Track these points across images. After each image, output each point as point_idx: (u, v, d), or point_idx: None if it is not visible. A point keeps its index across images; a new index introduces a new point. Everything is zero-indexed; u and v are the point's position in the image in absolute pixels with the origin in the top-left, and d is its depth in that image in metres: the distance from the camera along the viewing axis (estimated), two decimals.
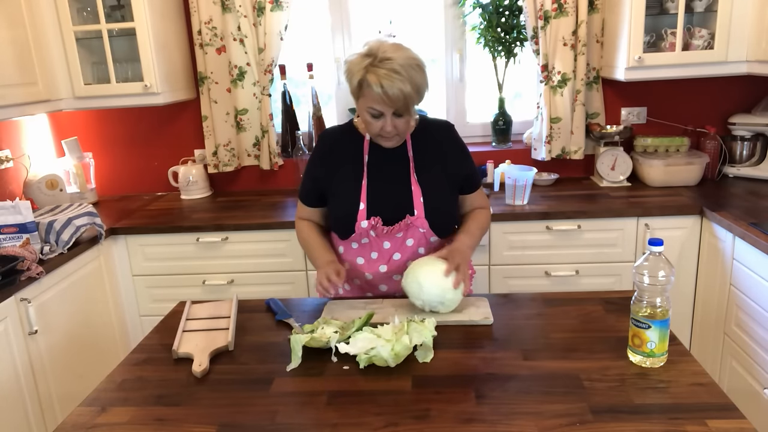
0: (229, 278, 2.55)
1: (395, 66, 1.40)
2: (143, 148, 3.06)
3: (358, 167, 1.61)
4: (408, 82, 1.41)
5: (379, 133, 1.51)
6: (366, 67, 1.42)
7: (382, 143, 1.57)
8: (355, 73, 1.45)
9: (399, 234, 1.60)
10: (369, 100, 1.45)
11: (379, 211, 1.58)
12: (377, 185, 1.60)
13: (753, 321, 2.01)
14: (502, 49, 2.81)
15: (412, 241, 1.61)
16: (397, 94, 1.41)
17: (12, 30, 2.33)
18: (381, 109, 1.46)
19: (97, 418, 1.15)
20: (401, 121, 1.50)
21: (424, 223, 1.59)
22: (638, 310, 1.21)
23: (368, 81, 1.42)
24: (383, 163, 1.61)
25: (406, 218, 1.58)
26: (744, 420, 1.04)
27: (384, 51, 1.43)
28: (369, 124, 1.51)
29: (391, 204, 1.59)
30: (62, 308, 2.18)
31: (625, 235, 2.39)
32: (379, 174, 1.60)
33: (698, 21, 2.53)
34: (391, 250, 1.61)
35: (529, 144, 2.91)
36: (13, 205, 2.07)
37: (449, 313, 1.48)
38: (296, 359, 1.29)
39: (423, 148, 1.62)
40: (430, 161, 1.62)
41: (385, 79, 1.40)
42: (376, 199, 1.59)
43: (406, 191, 1.59)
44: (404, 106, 1.45)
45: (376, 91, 1.41)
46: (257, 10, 2.69)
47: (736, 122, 2.70)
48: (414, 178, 1.60)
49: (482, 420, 1.08)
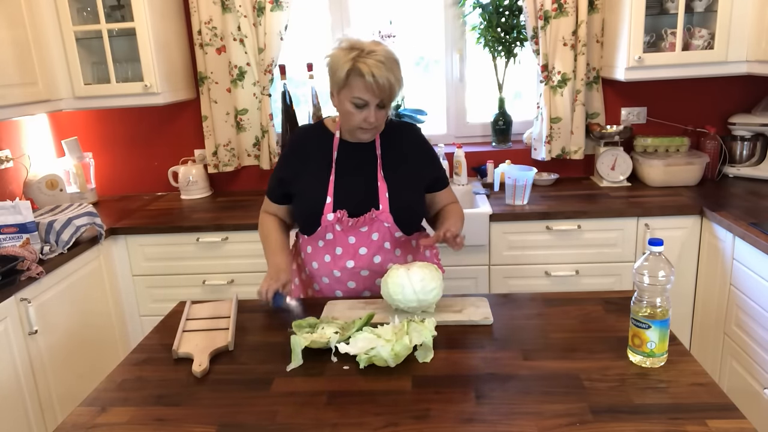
0: (229, 278, 2.55)
1: (381, 58, 1.48)
2: (143, 148, 3.06)
3: (326, 163, 1.65)
4: (392, 74, 1.49)
5: (359, 125, 1.55)
6: (354, 58, 1.48)
7: (360, 136, 1.60)
8: (343, 65, 1.49)
9: (364, 228, 1.62)
10: (355, 89, 1.50)
11: (344, 205, 1.61)
12: (344, 180, 1.63)
13: (753, 321, 2.01)
14: (502, 49, 2.81)
15: (378, 235, 1.63)
16: (385, 83, 1.47)
17: (12, 30, 2.33)
18: (367, 99, 1.50)
19: (97, 418, 1.15)
20: (382, 113, 1.56)
21: (389, 218, 1.62)
22: (638, 310, 1.21)
23: (360, 70, 1.47)
24: (351, 160, 1.65)
25: (371, 212, 1.61)
26: (744, 420, 1.03)
27: (368, 45, 1.50)
28: (350, 116, 1.54)
29: (357, 198, 1.62)
30: (62, 308, 2.18)
31: (625, 235, 2.39)
32: (346, 170, 1.64)
33: (698, 21, 2.53)
34: (357, 244, 1.64)
35: (529, 144, 2.91)
36: (13, 205, 2.07)
37: (449, 313, 1.48)
38: (296, 359, 1.29)
39: (390, 147, 1.67)
40: (397, 160, 1.66)
41: (375, 69, 1.46)
42: (342, 194, 1.62)
43: (372, 186, 1.63)
44: (389, 96, 1.52)
45: (368, 80, 1.46)
46: (257, 10, 2.69)
47: (736, 122, 2.70)
48: (381, 175, 1.64)
49: (482, 420, 1.08)
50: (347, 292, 1.70)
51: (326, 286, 1.71)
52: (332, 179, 1.63)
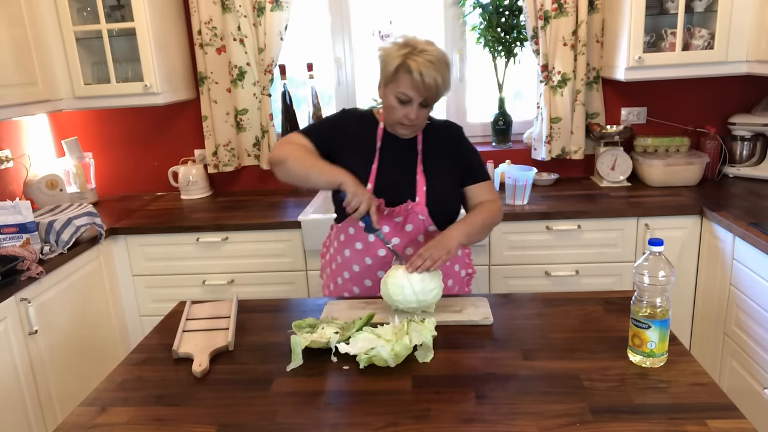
0: (229, 278, 2.55)
1: (432, 58, 1.49)
2: (143, 148, 3.06)
3: (370, 150, 1.66)
4: (440, 75, 1.50)
5: (400, 120, 1.57)
6: (405, 55, 1.50)
7: (399, 131, 1.62)
8: (394, 59, 1.51)
9: (398, 219, 1.62)
10: (401, 85, 1.52)
11: (383, 194, 1.61)
12: (385, 169, 1.64)
13: (753, 321, 2.01)
14: (502, 49, 2.81)
15: (411, 227, 1.63)
16: (432, 84, 1.49)
17: (12, 30, 2.33)
18: (412, 96, 1.52)
19: (97, 418, 1.15)
20: (424, 111, 1.57)
21: (424, 210, 1.62)
22: (638, 310, 1.21)
23: (409, 66, 1.49)
24: (393, 151, 1.66)
25: (407, 203, 1.61)
26: (744, 420, 1.03)
27: (421, 44, 1.52)
28: (393, 110, 1.56)
29: (396, 188, 1.63)
30: (62, 308, 2.18)
31: (625, 235, 2.39)
32: (387, 160, 1.65)
33: (698, 21, 2.53)
34: (390, 234, 1.63)
35: (529, 144, 2.91)
36: (13, 205, 2.07)
37: (449, 313, 1.48)
38: (296, 359, 1.29)
39: (431, 144, 1.68)
40: (437, 156, 1.68)
41: (424, 67, 1.48)
42: (382, 182, 1.63)
43: (411, 179, 1.64)
44: (434, 96, 1.53)
45: (415, 77, 1.48)
46: (257, 10, 2.69)
47: (736, 122, 2.70)
48: (420, 169, 1.65)
49: (482, 420, 1.08)
50: (376, 283, 1.68)
51: (356, 274, 1.69)
52: (375, 166, 1.64)
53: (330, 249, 1.80)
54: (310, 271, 2.51)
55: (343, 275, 1.72)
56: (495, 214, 1.68)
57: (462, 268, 1.78)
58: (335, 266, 1.75)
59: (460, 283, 1.77)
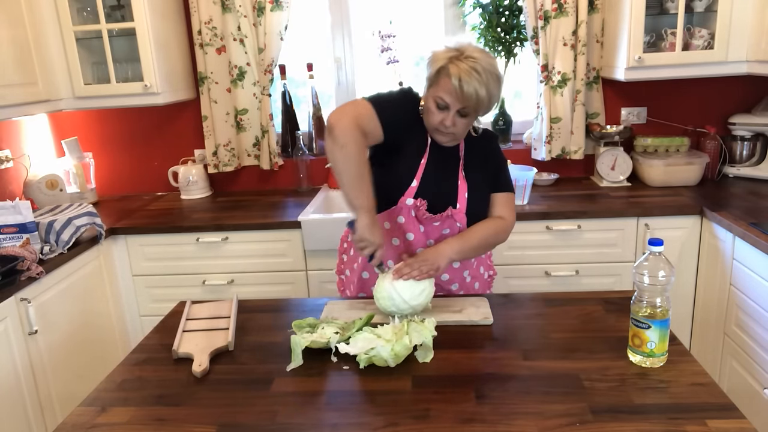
0: (229, 278, 2.55)
1: (477, 66, 1.43)
2: (143, 148, 3.06)
3: (421, 147, 1.61)
4: (484, 86, 1.43)
5: (437, 126, 1.52)
6: (450, 58, 1.45)
7: (436, 137, 1.58)
8: (438, 61, 1.47)
9: (436, 222, 1.60)
10: (440, 89, 1.47)
11: (425, 195, 1.58)
12: (431, 170, 1.60)
13: (753, 321, 2.01)
14: (502, 49, 2.81)
15: (448, 231, 1.61)
16: (471, 93, 1.43)
17: (12, 30, 2.33)
18: (449, 102, 1.47)
19: (97, 418, 1.15)
20: (463, 121, 1.51)
21: (463, 219, 1.60)
22: (638, 310, 1.21)
23: (448, 70, 1.44)
24: (439, 153, 1.62)
25: (448, 210, 1.59)
26: (744, 420, 1.04)
27: (471, 51, 1.46)
28: (431, 114, 1.52)
29: (438, 192, 1.59)
30: (62, 308, 2.18)
31: (625, 235, 2.39)
32: (434, 160, 1.61)
33: (698, 21, 2.53)
34: (425, 235, 1.61)
35: (529, 144, 2.91)
36: (13, 205, 2.07)
37: (449, 313, 1.48)
38: (296, 359, 1.29)
39: (472, 150, 1.65)
40: (477, 164, 1.64)
41: (465, 74, 1.42)
42: (426, 183, 1.59)
43: (453, 184, 1.61)
44: (473, 107, 1.47)
45: (453, 83, 1.43)
46: (257, 10, 2.69)
47: (736, 122, 2.70)
48: (462, 175, 1.62)
49: (482, 420, 1.08)
50: None
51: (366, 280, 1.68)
52: (424, 162, 1.59)
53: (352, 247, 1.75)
54: (310, 271, 2.51)
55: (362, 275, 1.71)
56: (499, 233, 1.64)
57: (485, 270, 1.78)
58: (361, 261, 1.70)
59: (483, 284, 1.78)
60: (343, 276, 1.84)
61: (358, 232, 1.46)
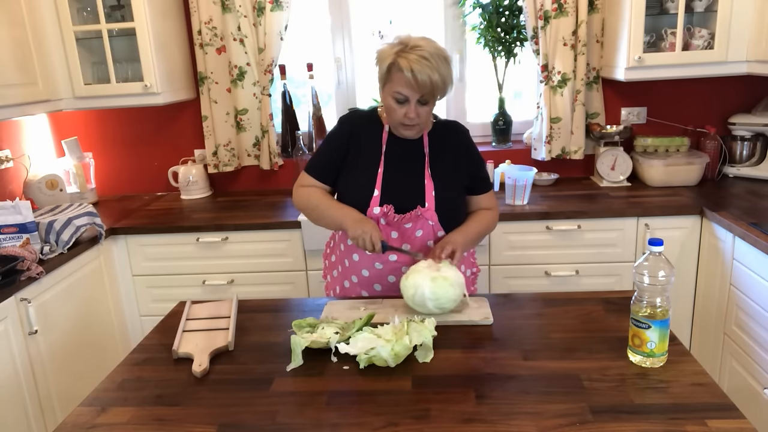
0: (229, 278, 2.55)
1: (425, 53, 1.46)
2: (143, 148, 3.06)
3: (375, 155, 1.63)
4: (436, 71, 1.47)
5: (401, 121, 1.55)
6: (397, 53, 1.49)
7: (403, 132, 1.60)
8: (386, 58, 1.50)
9: (408, 224, 1.61)
10: (396, 84, 1.50)
11: (391, 200, 1.60)
12: (392, 174, 1.62)
13: (753, 321, 2.01)
14: (502, 49, 2.81)
15: (421, 232, 1.62)
16: (425, 80, 1.46)
17: (12, 30, 2.33)
18: (407, 94, 1.50)
19: (97, 418, 1.15)
20: (424, 109, 1.54)
21: (434, 216, 1.61)
22: (638, 310, 1.21)
23: (399, 65, 1.47)
24: (399, 155, 1.64)
25: (417, 209, 1.60)
26: (744, 420, 1.03)
27: (414, 41, 1.50)
28: (392, 111, 1.54)
29: (404, 194, 1.61)
30: (62, 308, 2.18)
31: (625, 235, 2.39)
32: (394, 164, 1.63)
33: (698, 21, 2.53)
34: (399, 240, 1.63)
35: (529, 144, 2.91)
36: (13, 205, 2.07)
37: (449, 313, 1.48)
38: (296, 359, 1.29)
39: (438, 145, 1.66)
40: (444, 159, 1.65)
41: (415, 64, 1.45)
42: (389, 188, 1.61)
43: (419, 183, 1.62)
44: (430, 93, 1.50)
45: (407, 75, 1.46)
46: (257, 10, 2.69)
47: (736, 122, 2.70)
48: (428, 173, 1.63)
49: (482, 420, 1.08)
50: (386, 287, 1.68)
51: (365, 279, 1.69)
52: (381, 171, 1.61)
53: (336, 251, 1.79)
54: (310, 271, 2.51)
55: (351, 279, 1.72)
56: (491, 224, 1.72)
57: (468, 268, 1.79)
58: (342, 269, 1.74)
59: (468, 282, 1.79)
60: (326, 280, 1.87)
61: (350, 232, 1.51)
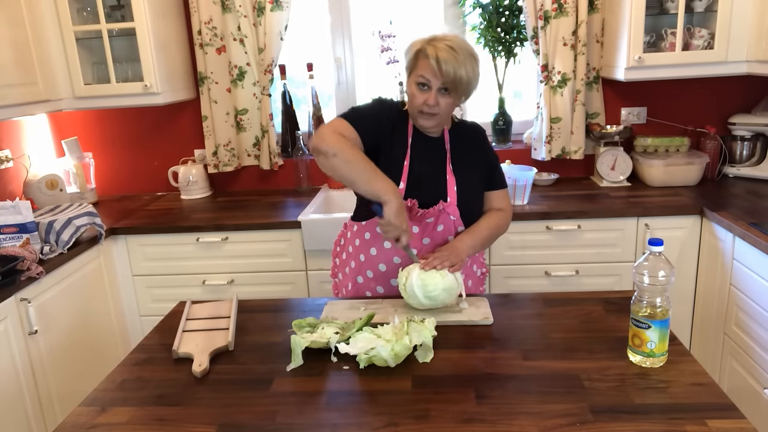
0: (229, 278, 2.55)
1: (453, 45, 1.50)
2: (143, 148, 3.06)
3: (402, 147, 1.64)
4: (462, 66, 1.50)
5: (420, 108, 1.56)
6: (426, 41, 1.53)
7: (421, 122, 1.60)
8: (415, 45, 1.55)
9: (430, 219, 1.61)
10: (421, 69, 1.53)
11: (415, 194, 1.60)
12: (416, 168, 1.62)
13: (753, 321, 2.01)
14: (502, 49, 2.81)
15: (442, 227, 1.62)
16: (449, 70, 1.49)
17: (12, 30, 2.33)
18: (429, 79, 1.52)
19: (97, 418, 1.15)
20: (445, 100, 1.55)
21: (456, 211, 1.62)
22: (638, 310, 1.21)
23: (426, 51, 1.51)
24: (423, 149, 1.64)
25: (440, 204, 1.60)
26: (744, 420, 1.04)
27: (446, 35, 1.55)
28: (413, 98, 1.56)
29: (427, 189, 1.62)
30: (62, 308, 2.18)
31: (625, 235, 2.39)
32: (419, 158, 1.63)
33: (698, 21, 2.53)
34: (420, 234, 1.62)
35: (529, 144, 2.91)
36: (13, 205, 2.07)
37: (449, 313, 1.48)
38: (296, 359, 1.29)
39: (458, 143, 1.68)
40: (465, 157, 1.68)
41: (442, 53, 1.49)
42: (414, 182, 1.61)
43: (441, 178, 1.64)
44: (452, 83, 1.51)
45: (431, 62, 1.49)
46: (257, 10, 2.69)
47: (736, 122, 2.70)
48: (450, 168, 1.65)
49: (482, 420, 1.08)
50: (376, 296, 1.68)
51: (382, 273, 1.67)
52: (407, 164, 1.62)
53: (348, 248, 1.77)
54: (310, 271, 2.51)
55: (366, 274, 1.70)
56: (502, 226, 1.72)
57: (478, 268, 1.80)
58: (356, 264, 1.72)
59: (477, 282, 1.80)
60: (336, 279, 1.85)
61: (386, 217, 1.45)
